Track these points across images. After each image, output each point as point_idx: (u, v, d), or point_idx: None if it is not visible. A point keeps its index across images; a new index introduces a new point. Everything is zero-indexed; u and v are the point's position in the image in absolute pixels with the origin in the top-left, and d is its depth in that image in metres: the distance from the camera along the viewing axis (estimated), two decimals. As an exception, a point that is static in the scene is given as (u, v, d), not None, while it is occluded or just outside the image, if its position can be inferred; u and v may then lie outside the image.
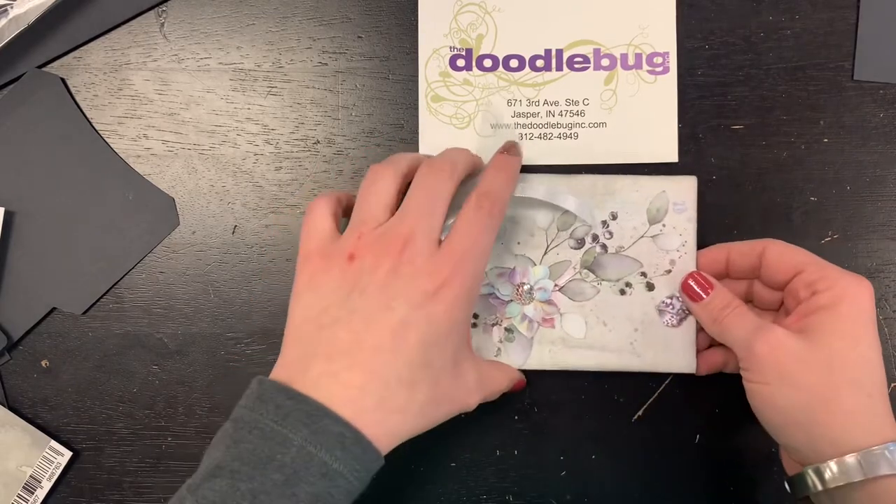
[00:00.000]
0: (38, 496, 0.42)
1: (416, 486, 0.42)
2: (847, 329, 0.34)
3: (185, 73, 0.43)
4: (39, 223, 0.43)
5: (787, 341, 0.34)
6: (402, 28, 0.43)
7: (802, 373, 0.34)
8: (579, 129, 0.42)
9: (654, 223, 0.40)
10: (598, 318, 0.40)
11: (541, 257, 0.40)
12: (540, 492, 0.42)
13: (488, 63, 0.43)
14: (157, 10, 0.43)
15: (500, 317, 0.40)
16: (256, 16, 0.43)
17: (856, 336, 0.34)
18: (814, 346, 0.34)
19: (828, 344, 0.34)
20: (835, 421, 0.33)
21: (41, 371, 0.43)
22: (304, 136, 0.43)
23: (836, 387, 0.33)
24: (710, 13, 0.42)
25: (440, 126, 0.43)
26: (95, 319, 0.43)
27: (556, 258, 0.40)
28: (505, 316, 0.40)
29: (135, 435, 0.43)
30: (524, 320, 0.40)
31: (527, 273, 0.40)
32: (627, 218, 0.40)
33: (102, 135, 0.43)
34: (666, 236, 0.40)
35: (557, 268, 0.40)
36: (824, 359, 0.33)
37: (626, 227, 0.40)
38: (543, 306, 0.40)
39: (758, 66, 0.42)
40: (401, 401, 0.31)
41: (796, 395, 0.34)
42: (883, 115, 0.42)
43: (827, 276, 0.35)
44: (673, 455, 0.42)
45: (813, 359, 0.34)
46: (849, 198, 0.42)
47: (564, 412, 0.42)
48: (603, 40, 0.42)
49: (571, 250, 0.40)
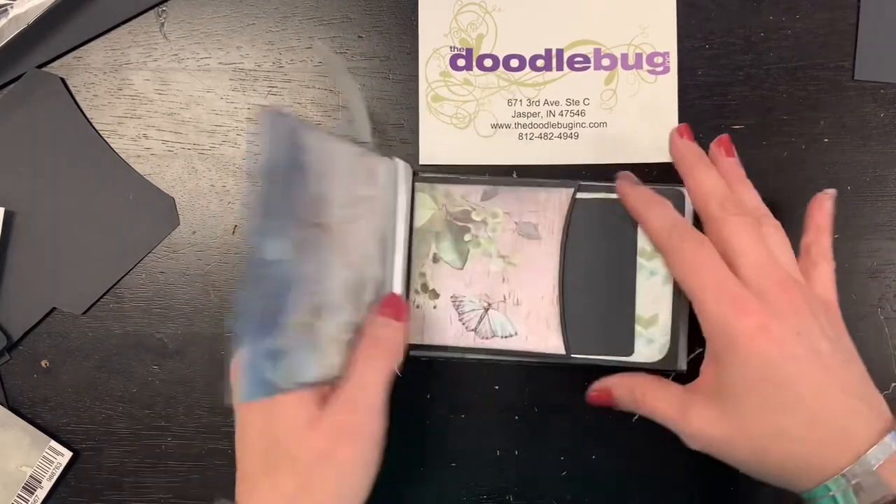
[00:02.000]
0: (37, 496, 0.42)
1: (417, 486, 0.42)
2: (743, 383, 0.31)
3: (185, 72, 0.43)
4: (39, 223, 0.43)
5: (706, 431, 0.32)
6: (402, 28, 0.43)
7: (734, 452, 0.32)
8: (580, 128, 0.42)
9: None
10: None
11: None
12: (540, 492, 0.42)
13: (489, 63, 0.43)
14: (157, 10, 0.43)
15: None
16: (256, 16, 0.43)
17: (755, 387, 0.31)
18: (729, 418, 0.32)
19: (738, 409, 0.32)
20: (783, 474, 0.32)
21: (41, 371, 0.43)
22: (304, 135, 0.43)
23: (764, 450, 0.31)
24: (711, 13, 0.42)
25: (440, 126, 0.43)
26: (95, 319, 0.43)
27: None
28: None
29: (135, 435, 0.43)
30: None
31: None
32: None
33: (102, 135, 0.43)
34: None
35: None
36: (741, 427, 0.32)
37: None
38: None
39: (758, 66, 0.42)
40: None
41: (742, 468, 0.33)
42: (883, 115, 0.42)
43: (706, 319, 0.33)
44: (673, 455, 0.42)
45: (735, 433, 0.32)
46: (849, 198, 0.42)
47: (564, 412, 0.42)
48: (603, 40, 0.42)
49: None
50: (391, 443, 0.43)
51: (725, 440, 0.32)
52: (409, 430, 0.42)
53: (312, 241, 0.31)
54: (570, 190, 0.40)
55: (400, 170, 0.39)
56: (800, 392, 0.31)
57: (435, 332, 0.40)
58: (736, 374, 0.31)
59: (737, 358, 0.31)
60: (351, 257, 0.34)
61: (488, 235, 0.40)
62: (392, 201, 0.38)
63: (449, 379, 0.42)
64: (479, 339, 0.40)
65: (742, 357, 0.31)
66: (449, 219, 0.41)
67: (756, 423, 0.31)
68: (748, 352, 0.31)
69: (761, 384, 0.31)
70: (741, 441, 0.32)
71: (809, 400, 0.31)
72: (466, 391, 0.42)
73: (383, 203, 0.37)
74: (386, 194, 0.38)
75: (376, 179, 0.36)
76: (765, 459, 0.32)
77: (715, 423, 0.32)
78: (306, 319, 0.31)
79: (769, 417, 0.31)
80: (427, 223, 0.41)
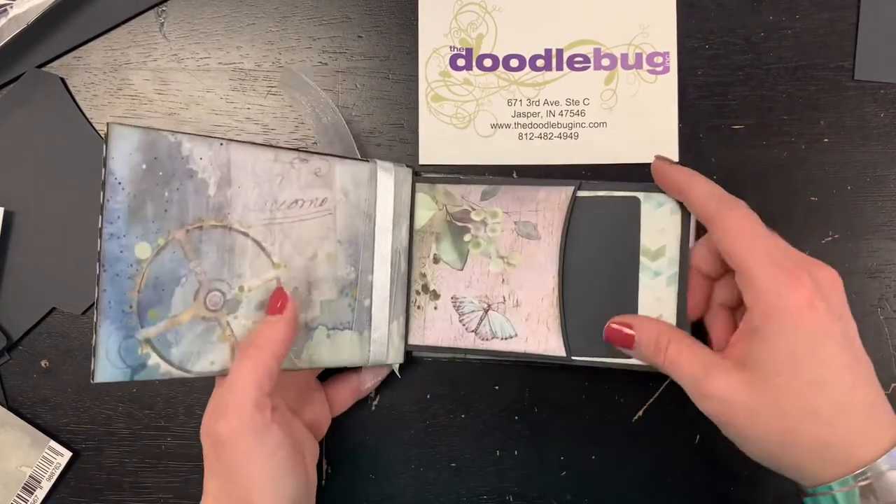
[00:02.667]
0: (37, 496, 0.42)
1: (417, 486, 0.42)
2: (782, 357, 0.30)
3: (185, 72, 0.43)
4: (39, 223, 0.43)
5: (729, 395, 0.31)
6: (402, 28, 0.43)
7: (754, 424, 0.31)
8: (580, 128, 0.42)
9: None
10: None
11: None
12: (540, 492, 0.42)
13: (488, 63, 0.43)
14: (156, 10, 0.43)
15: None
16: (256, 16, 0.43)
17: (795, 361, 0.30)
18: (757, 389, 0.31)
19: (769, 382, 0.30)
20: (801, 460, 0.31)
21: (41, 371, 0.43)
22: (304, 135, 0.43)
23: (791, 430, 0.30)
24: (711, 13, 0.42)
25: (440, 126, 0.43)
26: (95, 319, 0.43)
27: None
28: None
29: (135, 435, 0.43)
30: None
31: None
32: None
33: (102, 135, 0.43)
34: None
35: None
36: (771, 401, 0.30)
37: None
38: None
39: (758, 66, 0.42)
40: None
41: (754, 445, 0.32)
42: (883, 115, 0.42)
43: (752, 286, 0.31)
44: (673, 455, 0.42)
45: (760, 405, 0.31)
46: (849, 198, 0.42)
47: (564, 412, 0.42)
48: (603, 40, 0.42)
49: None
50: (392, 443, 0.44)
51: (748, 410, 0.31)
52: (409, 430, 0.42)
53: (211, 241, 0.33)
54: (571, 188, 0.39)
55: (380, 171, 0.39)
56: (836, 374, 0.30)
57: (435, 332, 0.40)
58: (778, 345, 0.31)
59: (781, 330, 0.30)
60: (286, 257, 0.36)
61: (488, 236, 0.40)
62: (364, 202, 0.38)
63: (449, 379, 0.42)
64: (479, 340, 0.40)
65: (788, 329, 0.30)
66: (449, 219, 0.41)
67: (789, 399, 0.30)
68: (796, 325, 0.30)
69: (803, 359, 0.30)
70: (768, 416, 0.31)
71: (844, 384, 0.30)
72: (466, 391, 0.42)
73: (348, 204, 0.38)
74: (354, 196, 0.38)
75: (331, 182, 0.37)
76: (789, 441, 0.31)
77: (740, 390, 0.31)
78: (202, 312, 0.33)
79: (804, 394, 0.30)
80: (427, 224, 0.41)
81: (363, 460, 0.42)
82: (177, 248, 0.33)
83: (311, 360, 0.37)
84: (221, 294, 0.34)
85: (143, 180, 0.31)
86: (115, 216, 0.31)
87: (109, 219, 0.31)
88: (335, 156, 0.38)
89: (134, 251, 0.31)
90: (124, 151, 0.31)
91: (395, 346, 0.40)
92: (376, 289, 0.39)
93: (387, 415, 0.42)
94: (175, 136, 0.32)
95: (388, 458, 0.42)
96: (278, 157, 0.35)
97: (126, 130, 0.31)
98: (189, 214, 0.33)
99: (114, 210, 0.31)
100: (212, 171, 0.33)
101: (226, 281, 0.34)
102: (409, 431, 0.42)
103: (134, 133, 0.31)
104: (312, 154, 0.36)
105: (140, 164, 0.31)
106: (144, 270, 0.32)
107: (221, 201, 0.34)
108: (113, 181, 0.30)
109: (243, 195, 0.34)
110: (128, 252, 0.31)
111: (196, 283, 0.33)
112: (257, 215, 0.35)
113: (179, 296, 0.33)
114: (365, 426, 0.42)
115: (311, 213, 0.37)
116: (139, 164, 0.31)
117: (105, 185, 0.30)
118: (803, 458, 0.31)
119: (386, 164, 0.39)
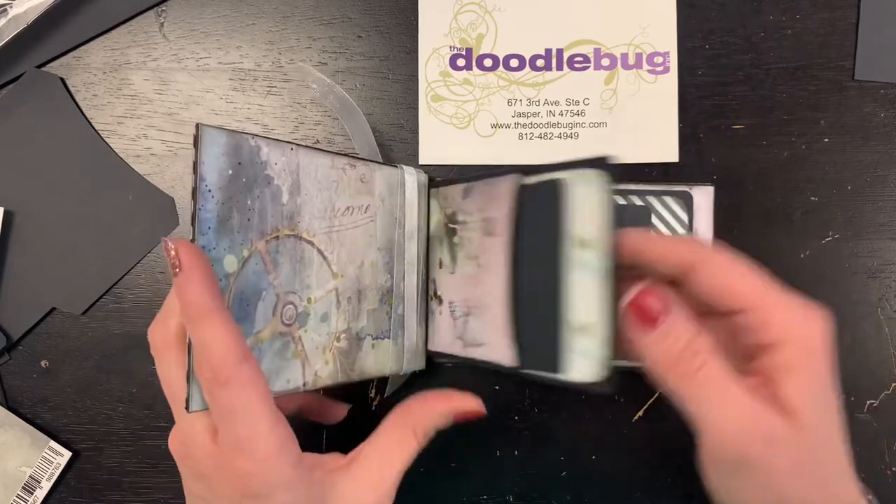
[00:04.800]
0: (37, 496, 0.42)
1: (417, 486, 0.42)
2: (817, 393, 0.26)
3: (185, 72, 0.43)
4: (39, 223, 0.43)
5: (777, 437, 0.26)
6: (402, 27, 0.43)
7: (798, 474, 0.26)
8: (580, 128, 0.42)
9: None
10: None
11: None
12: (540, 492, 0.42)
13: (488, 63, 0.43)
14: (156, 10, 0.43)
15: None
16: (256, 16, 0.43)
17: (828, 402, 0.27)
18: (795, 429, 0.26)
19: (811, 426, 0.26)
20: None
21: (41, 371, 0.43)
22: (303, 135, 0.43)
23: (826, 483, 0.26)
24: (711, 13, 0.42)
25: (440, 126, 0.43)
26: (95, 319, 0.43)
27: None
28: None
29: (135, 435, 0.43)
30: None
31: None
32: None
33: (102, 135, 0.43)
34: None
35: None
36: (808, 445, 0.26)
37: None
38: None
39: (758, 66, 0.42)
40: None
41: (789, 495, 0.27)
42: (884, 115, 0.42)
43: (774, 324, 0.27)
44: (673, 455, 0.42)
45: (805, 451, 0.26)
46: (850, 198, 0.42)
47: (564, 412, 0.42)
48: (603, 40, 0.42)
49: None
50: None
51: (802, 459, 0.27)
52: (408, 431, 0.42)
53: (286, 251, 0.31)
54: (514, 176, 0.33)
55: (407, 177, 0.38)
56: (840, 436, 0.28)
57: (437, 338, 0.40)
58: (820, 378, 0.27)
59: (820, 364, 0.27)
60: (342, 266, 0.34)
61: (467, 235, 0.37)
62: (396, 209, 0.38)
63: (449, 379, 0.42)
64: (465, 346, 0.37)
65: (826, 366, 0.27)
66: (445, 222, 0.40)
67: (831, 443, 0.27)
68: (827, 357, 0.27)
69: (834, 398, 0.28)
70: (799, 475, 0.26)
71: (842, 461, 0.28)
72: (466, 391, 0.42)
73: (385, 211, 0.37)
74: (388, 203, 0.37)
75: (372, 188, 0.36)
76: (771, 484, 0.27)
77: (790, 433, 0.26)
78: (279, 328, 0.31)
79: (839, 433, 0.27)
80: (435, 228, 0.40)
81: (363, 460, 0.42)
82: (258, 261, 0.30)
83: (361, 371, 0.36)
84: (294, 307, 0.32)
85: (229, 187, 0.29)
86: (206, 227, 0.28)
87: (202, 230, 0.28)
88: (373, 161, 0.37)
89: (223, 265, 0.29)
90: (214, 155, 0.28)
91: (420, 353, 0.40)
92: (407, 296, 0.38)
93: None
94: (255, 139, 0.30)
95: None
96: (334, 163, 0.34)
97: (215, 133, 0.28)
98: (268, 224, 0.30)
99: (205, 220, 0.28)
100: (285, 177, 0.31)
101: (297, 293, 0.32)
102: (409, 431, 0.42)
103: (221, 136, 0.28)
104: (358, 160, 0.35)
105: (227, 170, 0.29)
106: (231, 285, 0.29)
107: (293, 209, 0.32)
108: (204, 188, 0.28)
109: (309, 202, 0.32)
110: (217, 266, 0.28)
111: (274, 297, 0.31)
112: (320, 223, 0.33)
113: (261, 311, 0.30)
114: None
115: (359, 220, 0.35)
116: (226, 169, 0.29)
117: (196, 194, 0.27)
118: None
119: (410, 169, 0.39)
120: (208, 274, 0.26)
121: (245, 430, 0.26)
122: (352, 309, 0.35)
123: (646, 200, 0.40)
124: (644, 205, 0.39)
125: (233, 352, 0.26)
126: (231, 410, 0.26)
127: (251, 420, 0.26)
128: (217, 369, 0.26)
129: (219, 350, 0.26)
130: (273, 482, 0.27)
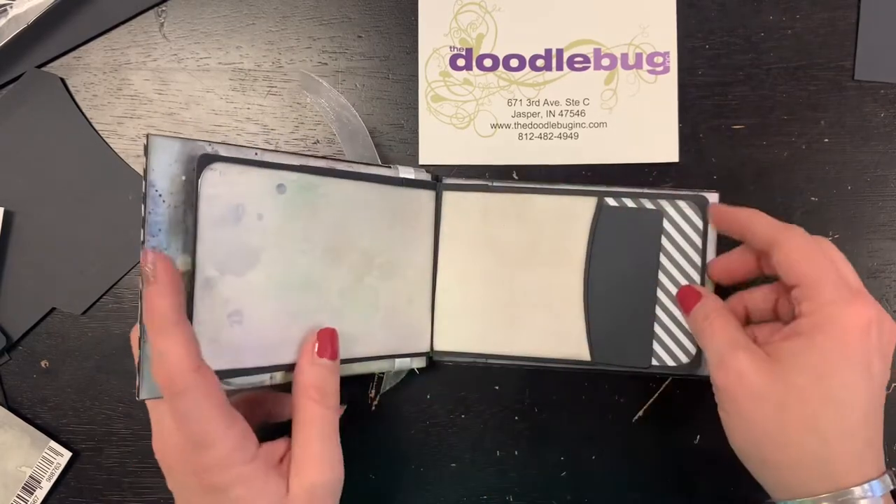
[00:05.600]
0: (37, 496, 0.42)
1: (417, 486, 0.42)
2: (814, 363, 0.31)
3: (185, 72, 0.43)
4: (39, 223, 0.43)
5: (746, 373, 0.32)
6: (402, 28, 0.43)
7: (755, 409, 0.31)
8: (580, 128, 0.42)
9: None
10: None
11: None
12: (540, 492, 0.42)
13: (488, 63, 0.43)
14: (156, 10, 0.43)
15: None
16: (256, 16, 0.43)
17: (824, 371, 0.31)
18: (773, 380, 0.31)
19: (788, 378, 0.31)
20: (784, 466, 0.31)
21: (40, 371, 0.43)
22: (303, 135, 0.43)
23: (789, 429, 0.31)
24: (711, 13, 0.42)
25: (440, 126, 0.43)
26: (95, 319, 0.43)
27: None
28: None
29: (134, 435, 0.43)
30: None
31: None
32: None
33: (102, 135, 0.43)
34: None
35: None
36: (779, 395, 0.31)
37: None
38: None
39: (758, 66, 0.42)
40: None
41: (748, 431, 0.32)
42: (884, 115, 0.42)
43: (815, 298, 0.32)
44: (673, 455, 0.42)
45: (768, 394, 0.31)
46: (850, 198, 0.42)
47: (564, 412, 0.42)
48: (603, 40, 0.42)
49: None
50: (392, 443, 0.44)
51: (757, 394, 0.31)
52: (409, 430, 0.42)
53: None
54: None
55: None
56: (853, 401, 0.31)
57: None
58: (814, 350, 0.31)
59: (827, 339, 0.31)
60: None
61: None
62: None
63: (449, 379, 0.42)
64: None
65: (834, 340, 0.31)
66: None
67: (800, 401, 0.31)
68: (844, 340, 0.31)
69: (832, 373, 0.31)
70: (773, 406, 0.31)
71: (855, 414, 0.31)
72: (466, 391, 0.42)
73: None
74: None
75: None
76: (782, 441, 0.31)
77: (759, 373, 0.32)
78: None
79: (815, 404, 0.31)
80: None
81: (363, 460, 0.42)
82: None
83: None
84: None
85: (182, 191, 0.31)
86: (156, 229, 0.30)
87: (152, 232, 0.30)
88: (364, 163, 0.38)
89: (177, 264, 0.31)
90: (165, 163, 0.30)
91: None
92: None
93: (387, 415, 0.42)
94: (212, 146, 0.32)
95: (388, 458, 0.42)
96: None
97: (167, 142, 0.30)
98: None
99: (155, 223, 0.30)
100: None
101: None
102: (409, 431, 0.42)
103: (174, 144, 0.30)
104: (338, 160, 0.37)
105: (180, 176, 0.31)
106: (186, 283, 0.31)
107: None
108: (154, 193, 0.30)
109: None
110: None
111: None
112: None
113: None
114: (365, 426, 0.42)
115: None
116: (179, 175, 0.31)
117: (146, 198, 0.30)
118: (787, 465, 0.31)
119: (408, 170, 0.40)
120: (178, 290, 0.29)
121: (201, 431, 0.29)
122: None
123: (657, 204, 0.39)
124: (655, 208, 0.39)
125: (188, 361, 0.28)
126: (186, 414, 0.29)
127: (206, 423, 0.29)
128: (173, 377, 0.28)
129: (175, 360, 0.28)
130: (230, 477, 0.30)
